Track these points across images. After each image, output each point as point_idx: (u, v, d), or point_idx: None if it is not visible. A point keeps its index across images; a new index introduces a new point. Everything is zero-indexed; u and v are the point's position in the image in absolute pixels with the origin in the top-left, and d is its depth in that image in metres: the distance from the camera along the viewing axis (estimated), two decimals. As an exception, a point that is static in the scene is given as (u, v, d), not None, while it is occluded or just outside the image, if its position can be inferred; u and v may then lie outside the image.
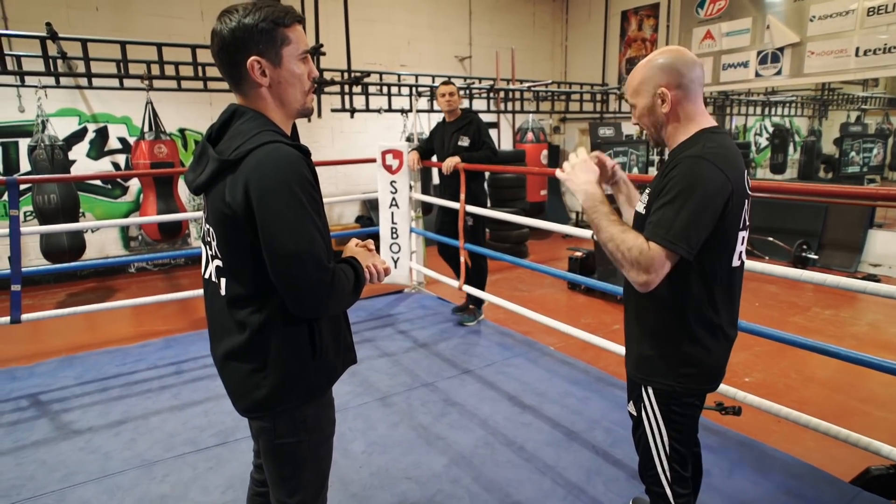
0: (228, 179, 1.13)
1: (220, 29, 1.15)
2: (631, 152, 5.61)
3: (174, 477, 2.39)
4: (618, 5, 8.23)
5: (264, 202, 1.10)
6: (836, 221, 6.14)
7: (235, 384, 1.28)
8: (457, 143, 4.06)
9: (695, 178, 1.31)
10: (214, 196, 1.16)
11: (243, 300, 1.20)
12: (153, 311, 4.67)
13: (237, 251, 1.18)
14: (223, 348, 1.27)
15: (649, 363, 1.50)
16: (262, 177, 1.10)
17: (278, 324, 1.21)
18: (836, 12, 5.59)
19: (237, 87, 1.21)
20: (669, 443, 1.51)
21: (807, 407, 2.78)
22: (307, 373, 1.26)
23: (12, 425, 2.82)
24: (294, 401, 1.26)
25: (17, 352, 3.84)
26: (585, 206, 1.45)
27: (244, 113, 1.20)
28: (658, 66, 1.42)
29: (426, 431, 2.73)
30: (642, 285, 1.34)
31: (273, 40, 1.16)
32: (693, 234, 1.30)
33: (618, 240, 1.36)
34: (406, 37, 7.67)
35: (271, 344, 1.21)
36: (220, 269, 1.23)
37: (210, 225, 1.23)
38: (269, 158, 1.11)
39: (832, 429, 2.14)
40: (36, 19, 5.04)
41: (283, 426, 1.28)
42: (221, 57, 1.17)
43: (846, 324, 4.41)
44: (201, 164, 1.20)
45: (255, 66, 1.16)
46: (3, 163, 5.51)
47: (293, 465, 1.32)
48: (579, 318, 4.50)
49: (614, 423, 2.78)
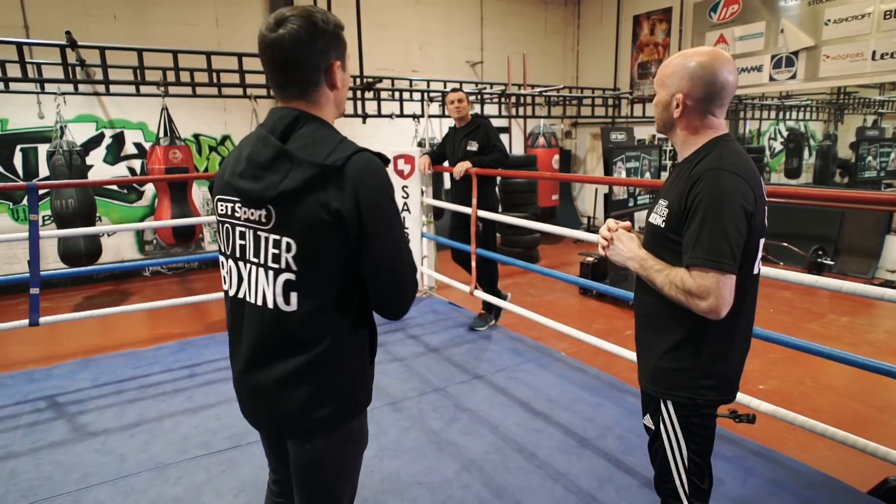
0: (330, 187, 1.08)
1: (294, 32, 1.09)
2: (643, 157, 5.58)
3: (187, 480, 2.41)
4: (630, 9, 8.21)
5: (373, 210, 1.10)
6: (852, 227, 6.06)
7: (292, 408, 1.19)
8: (466, 148, 4.09)
9: (720, 191, 1.30)
10: (307, 204, 1.08)
11: (318, 313, 1.15)
12: (167, 314, 4.72)
13: (327, 260, 1.12)
14: (276, 373, 1.17)
15: (669, 377, 1.47)
16: (371, 185, 1.10)
17: (349, 334, 1.21)
18: (851, 16, 5.54)
19: (305, 93, 1.16)
20: (688, 455, 1.49)
21: (822, 415, 2.75)
22: (366, 382, 1.28)
23: (31, 426, 2.87)
24: (353, 412, 1.26)
25: (36, 354, 3.90)
26: (639, 271, 1.47)
27: (310, 118, 1.15)
28: (688, 70, 1.39)
29: (437, 437, 2.73)
30: (710, 312, 1.32)
31: (344, 45, 1.18)
32: (733, 247, 1.30)
33: (667, 283, 1.37)
34: (418, 42, 7.72)
35: (343, 356, 1.20)
36: (291, 283, 1.13)
37: (283, 236, 1.11)
38: (370, 167, 1.11)
39: (849, 438, 2.11)
40: (56, 28, 5.14)
41: (336, 441, 1.25)
42: (298, 60, 1.12)
43: (863, 331, 4.35)
44: (278, 171, 1.10)
45: (337, 70, 1.17)
46: (23, 168, 5.62)
47: (338, 479, 1.30)
48: (591, 324, 4.48)
49: (627, 431, 2.76)
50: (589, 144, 9.11)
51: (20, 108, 5.37)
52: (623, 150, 5.36)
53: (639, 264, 1.46)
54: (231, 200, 1.19)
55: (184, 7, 6.11)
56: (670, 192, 1.43)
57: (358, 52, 5.86)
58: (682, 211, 1.36)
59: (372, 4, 6.98)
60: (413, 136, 6.74)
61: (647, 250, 1.46)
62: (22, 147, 5.59)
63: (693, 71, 1.38)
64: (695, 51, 1.42)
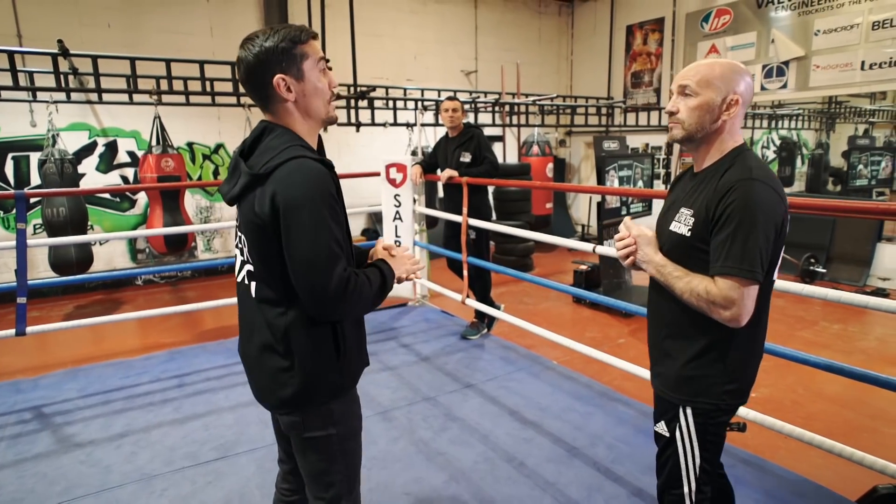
0: (258, 192, 1.22)
1: (244, 55, 1.24)
2: (636, 165, 5.59)
3: (173, 491, 2.38)
4: (623, 20, 8.28)
5: (288, 213, 1.18)
6: (844, 235, 6.08)
7: (266, 380, 1.35)
8: (458, 160, 4.09)
9: (753, 202, 1.30)
10: (245, 207, 1.26)
11: (272, 303, 1.30)
12: (158, 323, 4.69)
13: (266, 257, 1.27)
14: (253, 347, 1.35)
15: (691, 384, 1.46)
16: (288, 190, 1.18)
17: (304, 326, 1.29)
18: (841, 26, 5.59)
19: (266, 106, 1.29)
20: (700, 463, 1.49)
21: (814, 423, 2.75)
22: (332, 373, 1.34)
23: (15, 438, 2.83)
24: (322, 399, 1.34)
25: (24, 364, 3.86)
26: (656, 277, 1.48)
27: (273, 129, 1.29)
28: (739, 73, 1.41)
29: (427, 447, 2.71)
30: (732, 321, 1.33)
31: (293, 57, 1.25)
32: (764, 258, 1.31)
33: (688, 291, 1.37)
34: (412, 51, 7.75)
35: (298, 345, 1.29)
36: (251, 273, 1.32)
37: (242, 233, 1.32)
38: (294, 173, 1.20)
39: (836, 447, 2.10)
40: (50, 37, 5.14)
41: (312, 420, 1.35)
42: (250, 80, 1.26)
43: (855, 339, 4.35)
44: (234, 178, 1.29)
45: (280, 84, 1.24)
46: (15, 176, 5.60)
47: (326, 459, 1.39)
48: (584, 332, 4.47)
49: (616, 440, 2.74)
50: (583, 153, 9.15)
51: (12, 116, 5.36)
52: (616, 159, 5.38)
53: (656, 270, 1.46)
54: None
55: (178, 16, 6.13)
56: (695, 201, 1.42)
57: (352, 61, 5.89)
58: (711, 220, 1.36)
59: (367, 14, 7.02)
60: (407, 145, 6.75)
61: (670, 259, 1.46)
62: (13, 155, 5.57)
63: (742, 75, 1.41)
64: (724, 60, 1.45)
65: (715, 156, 1.44)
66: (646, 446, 2.69)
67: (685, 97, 1.43)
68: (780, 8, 6.10)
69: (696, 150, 1.49)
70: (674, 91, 1.47)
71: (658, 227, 1.57)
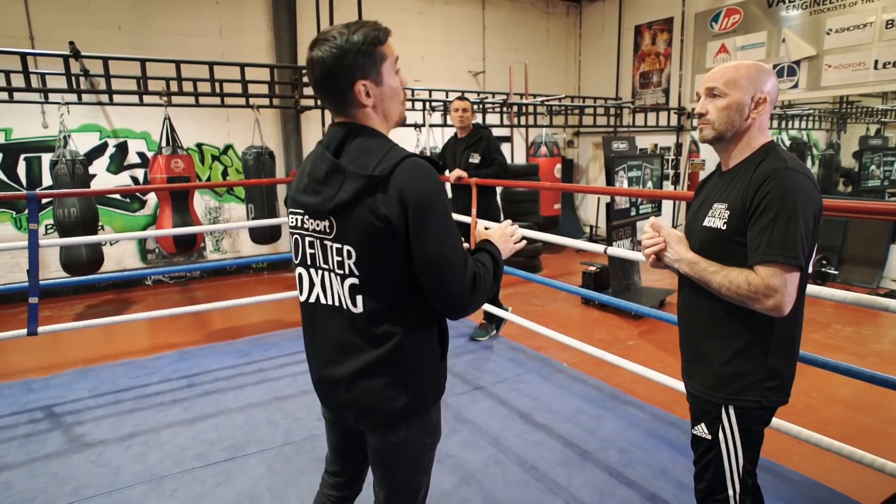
0: (379, 194, 1.15)
1: (321, 57, 1.17)
2: (645, 166, 5.55)
3: (183, 492, 2.38)
4: (631, 20, 8.24)
5: (420, 213, 1.15)
6: (856, 236, 6.01)
7: (371, 400, 1.27)
8: (468, 160, 4.07)
9: (792, 190, 1.31)
10: (360, 213, 1.16)
11: (384, 313, 1.23)
12: (168, 323, 4.71)
13: (384, 264, 1.20)
14: (351, 367, 1.26)
15: (733, 382, 1.45)
16: (416, 189, 1.15)
17: (416, 332, 1.26)
18: (853, 25, 5.53)
19: (342, 110, 1.23)
20: (744, 464, 1.47)
21: (829, 427, 2.71)
22: (438, 376, 1.34)
23: (26, 437, 2.85)
24: (428, 404, 1.33)
25: (35, 363, 3.89)
26: (689, 274, 1.47)
27: (361, 131, 1.23)
28: (765, 73, 1.43)
29: (437, 449, 2.69)
30: (774, 310, 1.32)
31: (374, 61, 1.20)
32: (805, 245, 1.31)
33: (726, 285, 1.36)
34: (420, 52, 7.75)
35: (411, 353, 1.26)
36: (356, 287, 1.22)
37: (344, 244, 1.21)
38: (417, 172, 1.16)
39: (856, 452, 2.06)
40: (62, 39, 5.18)
41: (415, 432, 1.32)
42: (327, 83, 1.19)
43: (868, 341, 4.30)
44: (332, 184, 1.19)
45: (361, 90, 1.19)
46: (27, 177, 5.64)
47: (416, 470, 1.38)
48: (593, 334, 4.45)
49: (628, 443, 2.72)
50: (591, 153, 9.11)
51: (24, 117, 5.40)
52: (625, 160, 5.34)
53: (689, 267, 1.46)
54: (299, 213, 1.28)
55: (188, 18, 6.16)
56: (728, 195, 1.42)
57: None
58: (747, 211, 1.36)
59: (375, 15, 6.98)
60: (415, 145, 6.75)
61: (705, 255, 1.45)
62: (26, 156, 5.61)
63: (768, 74, 1.43)
64: (747, 61, 1.46)
65: (745, 152, 1.46)
66: (658, 450, 2.66)
67: (713, 98, 1.46)
68: (791, 7, 6.04)
69: (725, 149, 1.50)
70: (701, 94, 1.49)
71: (688, 227, 1.57)
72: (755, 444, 1.49)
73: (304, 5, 6.50)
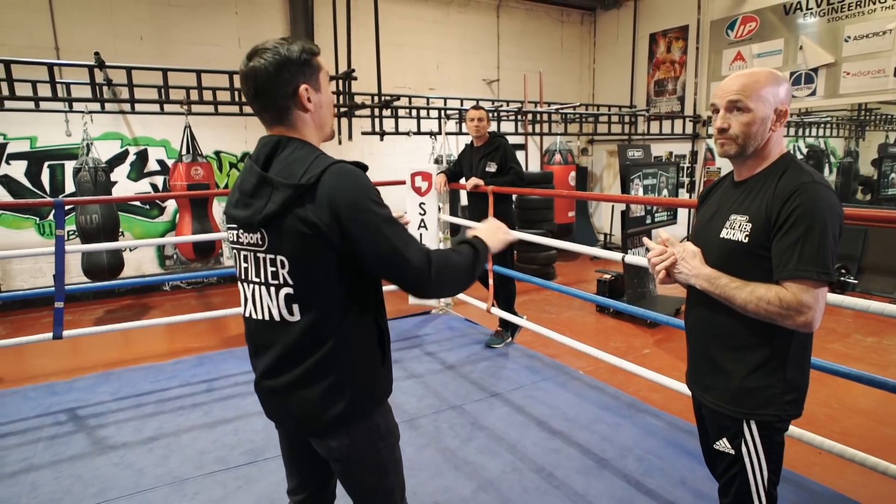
0: (308, 203, 1.16)
1: (264, 65, 1.19)
2: (661, 174, 5.54)
3: (204, 495, 2.41)
4: (646, 28, 8.24)
5: (354, 214, 1.16)
6: (876, 245, 5.93)
7: (308, 408, 1.28)
8: (484, 169, 4.09)
9: (821, 206, 1.29)
10: (289, 222, 1.18)
11: (319, 321, 1.24)
12: (186, 328, 4.77)
13: (317, 272, 1.21)
14: (290, 376, 1.27)
15: (753, 396, 1.43)
16: (345, 193, 1.16)
17: (352, 338, 1.27)
18: (872, 32, 5.49)
19: (281, 118, 1.25)
20: (769, 477, 1.46)
21: (850, 438, 2.67)
22: (379, 379, 1.34)
23: (52, 439, 2.90)
24: (369, 410, 1.32)
25: (58, 366, 3.96)
26: (709, 290, 1.42)
27: (290, 142, 1.24)
28: (781, 82, 1.40)
29: (454, 455, 2.70)
30: (806, 326, 1.31)
31: (313, 69, 1.25)
32: (834, 260, 1.30)
33: (753, 302, 1.33)
34: (435, 60, 7.81)
35: (347, 359, 1.27)
36: (291, 297, 1.23)
37: (277, 254, 1.22)
38: (344, 177, 1.18)
39: (879, 464, 2.04)
40: (86, 49, 5.32)
41: (361, 438, 1.32)
42: (267, 89, 1.21)
43: (890, 351, 4.23)
44: (261, 196, 1.21)
45: (304, 94, 1.23)
46: (50, 184, 5.77)
47: (378, 474, 1.37)
48: (608, 342, 4.43)
49: (646, 452, 2.71)
50: (605, 161, 9.09)
51: (49, 126, 5.53)
52: (640, 168, 5.33)
53: (708, 283, 1.41)
54: (234, 228, 1.30)
55: (207, 28, 6.28)
56: (749, 207, 1.39)
57: (377, 71, 5.96)
58: (773, 225, 1.33)
59: (390, 24, 7.10)
60: (430, 154, 6.79)
61: (720, 269, 1.41)
62: (49, 164, 5.74)
63: (783, 81, 1.41)
64: (763, 69, 1.43)
65: (762, 164, 1.43)
66: (676, 459, 2.65)
67: (735, 112, 1.40)
68: (808, 14, 6.01)
69: (742, 162, 1.47)
70: (720, 107, 1.43)
71: (699, 237, 1.53)
72: (778, 457, 1.47)
73: (321, 15, 6.60)
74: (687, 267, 1.47)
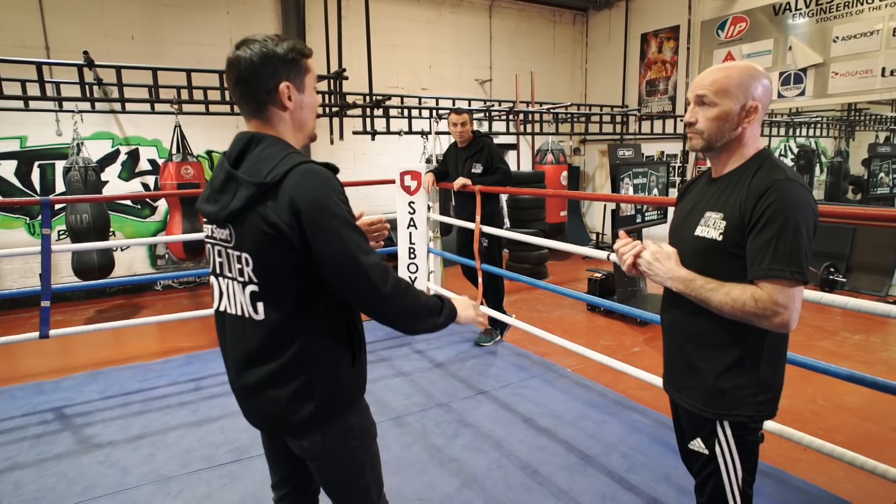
0: (269, 202, 1.16)
1: (249, 55, 1.20)
2: (651, 173, 5.56)
3: (188, 493, 2.41)
4: (637, 28, 8.27)
5: (316, 216, 1.15)
6: (864, 244, 5.97)
7: (277, 409, 1.27)
8: (470, 170, 4.09)
9: (795, 203, 1.28)
10: (251, 221, 1.18)
11: (285, 320, 1.22)
12: (176, 327, 4.76)
13: (280, 270, 1.20)
14: (257, 376, 1.26)
15: (726, 397, 1.42)
16: (307, 193, 1.15)
17: (320, 338, 1.25)
18: (860, 33, 5.53)
19: (258, 112, 1.25)
20: (743, 477, 1.45)
21: (835, 435, 2.70)
22: (350, 380, 1.32)
23: (37, 438, 2.89)
24: (340, 410, 1.31)
25: (46, 366, 3.95)
26: (684, 292, 1.41)
27: (263, 139, 1.24)
28: (756, 77, 1.37)
29: (439, 452, 2.71)
30: (782, 326, 1.28)
31: (300, 69, 1.26)
32: (808, 259, 1.28)
33: (729, 304, 1.31)
34: (427, 61, 7.82)
35: (316, 359, 1.25)
36: (256, 294, 1.23)
37: (242, 251, 1.22)
38: (308, 177, 1.17)
39: (866, 462, 2.03)
40: (76, 48, 5.30)
41: (334, 438, 1.31)
42: (250, 80, 1.21)
43: (876, 349, 4.26)
44: (228, 192, 1.21)
45: (285, 91, 1.23)
46: (40, 184, 5.75)
47: (352, 472, 1.37)
48: (598, 341, 4.44)
49: (631, 448, 2.72)
50: (597, 161, 9.12)
51: (39, 125, 5.51)
52: (630, 167, 5.35)
53: (684, 285, 1.39)
54: (208, 223, 1.30)
55: (199, 28, 6.27)
56: (724, 205, 1.38)
57: (368, 71, 5.96)
58: (746, 223, 1.32)
59: (383, 24, 7.11)
60: (421, 153, 6.80)
61: (695, 266, 1.40)
62: (40, 163, 5.72)
63: (759, 78, 1.37)
64: (741, 63, 1.41)
65: (737, 161, 1.42)
66: (661, 455, 2.66)
67: (703, 107, 1.40)
68: (797, 15, 6.05)
69: (717, 157, 1.46)
70: (690, 100, 1.44)
71: (675, 234, 1.53)
72: (753, 456, 1.47)
73: (313, 15, 6.60)
74: (662, 269, 1.45)
